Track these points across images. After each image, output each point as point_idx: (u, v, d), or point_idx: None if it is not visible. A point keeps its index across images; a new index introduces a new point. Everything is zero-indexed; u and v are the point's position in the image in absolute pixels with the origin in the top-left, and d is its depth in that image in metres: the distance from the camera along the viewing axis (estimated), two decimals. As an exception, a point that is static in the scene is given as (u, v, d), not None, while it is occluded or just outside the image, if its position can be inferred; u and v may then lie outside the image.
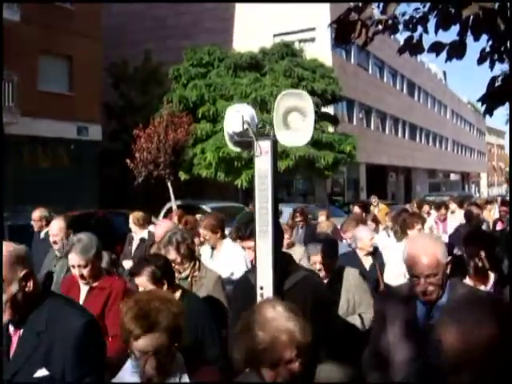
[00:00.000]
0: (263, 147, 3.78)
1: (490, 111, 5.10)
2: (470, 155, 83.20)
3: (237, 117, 3.73)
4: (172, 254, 5.07)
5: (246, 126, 3.69)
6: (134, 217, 9.50)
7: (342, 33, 4.72)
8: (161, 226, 7.45)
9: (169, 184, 22.32)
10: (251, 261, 5.04)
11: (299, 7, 33.91)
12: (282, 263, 3.95)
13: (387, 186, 49.98)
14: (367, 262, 7.08)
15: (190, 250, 5.20)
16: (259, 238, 3.78)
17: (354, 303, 5.43)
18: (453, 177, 74.43)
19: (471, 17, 4.22)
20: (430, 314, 3.24)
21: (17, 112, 22.09)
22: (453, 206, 14.26)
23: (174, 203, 21.72)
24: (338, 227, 9.79)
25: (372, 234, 7.52)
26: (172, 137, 21.96)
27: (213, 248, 6.80)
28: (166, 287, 4.23)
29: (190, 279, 5.16)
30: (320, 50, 32.73)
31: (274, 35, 35.02)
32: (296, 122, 3.82)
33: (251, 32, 34.61)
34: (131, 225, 9.44)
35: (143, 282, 4.23)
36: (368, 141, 40.37)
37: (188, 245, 5.19)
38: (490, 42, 4.74)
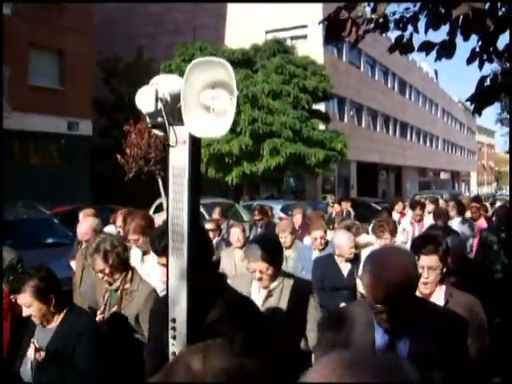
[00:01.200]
0: (180, 135, 2.72)
1: (478, 111, 5.12)
2: (461, 154, 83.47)
3: (150, 91, 2.67)
4: (99, 264, 4.53)
5: (159, 106, 2.66)
6: (84, 214, 8.56)
7: (333, 31, 4.73)
8: (83, 224, 6.47)
9: (159, 180, 22.29)
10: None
11: (291, 4, 33.89)
12: (209, 287, 3.03)
13: (378, 184, 50.08)
14: (345, 268, 6.52)
15: (120, 259, 4.59)
16: (172, 254, 2.79)
17: None
18: (443, 175, 74.61)
19: (461, 17, 4.25)
20: (394, 343, 2.66)
21: (7, 107, 22.00)
22: (430, 206, 13.39)
23: (164, 199, 21.69)
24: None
25: (352, 240, 6.69)
26: (163, 133, 21.91)
27: (144, 253, 6.02)
28: (53, 303, 3.80)
29: (119, 292, 4.61)
30: (312, 47, 32.74)
31: (266, 32, 35.00)
32: (222, 103, 2.64)
33: (243, 29, 34.59)
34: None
35: (27, 300, 3.74)
36: (359, 139, 40.42)
37: (118, 253, 4.58)
38: (480, 42, 4.77)
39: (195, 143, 2.77)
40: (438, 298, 3.85)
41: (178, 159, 2.80)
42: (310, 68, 29.06)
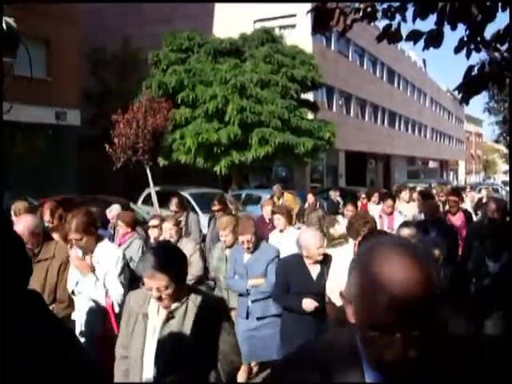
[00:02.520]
0: None
1: (466, 100, 5.14)
2: (449, 143, 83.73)
3: None
4: None
5: None
6: (15, 207, 7.96)
7: (321, 21, 4.72)
8: (19, 223, 5.58)
9: (147, 170, 22.24)
10: None
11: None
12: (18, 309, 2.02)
13: (366, 173, 50.21)
14: (314, 270, 5.90)
15: None
16: None
17: None
18: (431, 164, 74.91)
19: (448, 6, 4.25)
20: None
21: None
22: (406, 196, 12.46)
23: (152, 189, 21.68)
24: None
25: (320, 238, 5.99)
26: (151, 122, 21.87)
27: (85, 253, 5.35)
28: None
29: None
30: (300, 36, 32.65)
31: (255, 21, 34.90)
32: None
33: (231, 18, 34.48)
34: (13, 217, 7.55)
35: None
36: (347, 128, 40.50)
37: None
38: (467, 32, 4.77)
39: None
40: None
41: None
42: (298, 57, 29.04)
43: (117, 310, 4.97)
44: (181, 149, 26.31)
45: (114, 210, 9.59)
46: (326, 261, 5.91)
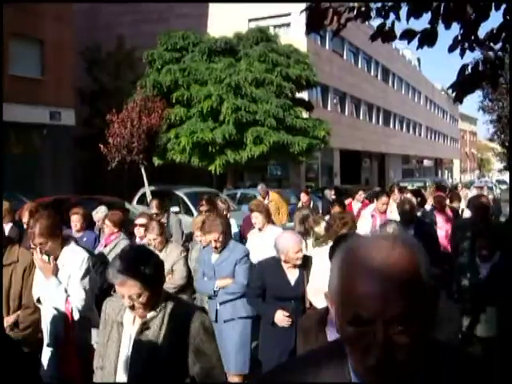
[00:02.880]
0: None
1: (460, 98, 5.14)
2: (444, 141, 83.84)
3: None
4: None
5: None
6: None
7: (314, 20, 4.72)
8: None
9: (142, 169, 22.23)
10: None
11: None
12: None
13: (361, 172, 50.23)
14: (293, 274, 5.54)
15: None
16: None
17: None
18: (426, 163, 74.95)
19: (442, 5, 4.26)
20: None
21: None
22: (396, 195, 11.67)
23: (147, 189, 21.65)
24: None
25: (298, 241, 5.58)
26: (145, 122, 21.86)
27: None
28: None
29: None
30: (295, 35, 32.65)
31: (249, 20, 34.90)
32: None
33: (226, 17, 34.45)
34: None
35: None
36: (342, 126, 40.52)
37: None
38: (461, 31, 4.78)
39: None
40: None
41: None
42: (293, 56, 29.04)
43: (76, 316, 4.75)
44: (175, 148, 26.28)
45: (100, 212, 9.34)
46: (305, 264, 5.54)
